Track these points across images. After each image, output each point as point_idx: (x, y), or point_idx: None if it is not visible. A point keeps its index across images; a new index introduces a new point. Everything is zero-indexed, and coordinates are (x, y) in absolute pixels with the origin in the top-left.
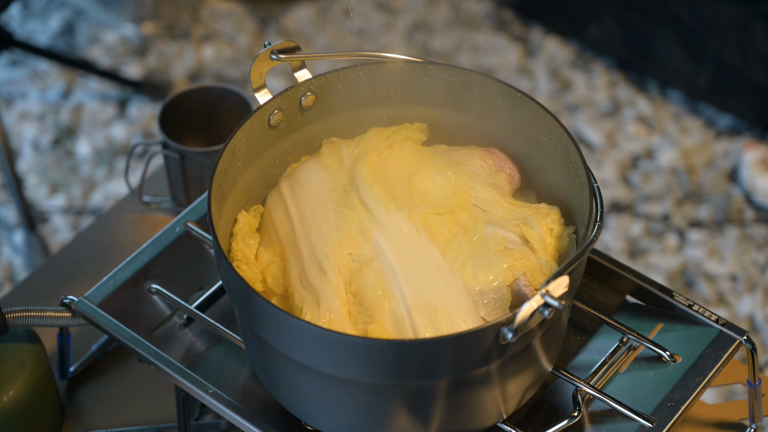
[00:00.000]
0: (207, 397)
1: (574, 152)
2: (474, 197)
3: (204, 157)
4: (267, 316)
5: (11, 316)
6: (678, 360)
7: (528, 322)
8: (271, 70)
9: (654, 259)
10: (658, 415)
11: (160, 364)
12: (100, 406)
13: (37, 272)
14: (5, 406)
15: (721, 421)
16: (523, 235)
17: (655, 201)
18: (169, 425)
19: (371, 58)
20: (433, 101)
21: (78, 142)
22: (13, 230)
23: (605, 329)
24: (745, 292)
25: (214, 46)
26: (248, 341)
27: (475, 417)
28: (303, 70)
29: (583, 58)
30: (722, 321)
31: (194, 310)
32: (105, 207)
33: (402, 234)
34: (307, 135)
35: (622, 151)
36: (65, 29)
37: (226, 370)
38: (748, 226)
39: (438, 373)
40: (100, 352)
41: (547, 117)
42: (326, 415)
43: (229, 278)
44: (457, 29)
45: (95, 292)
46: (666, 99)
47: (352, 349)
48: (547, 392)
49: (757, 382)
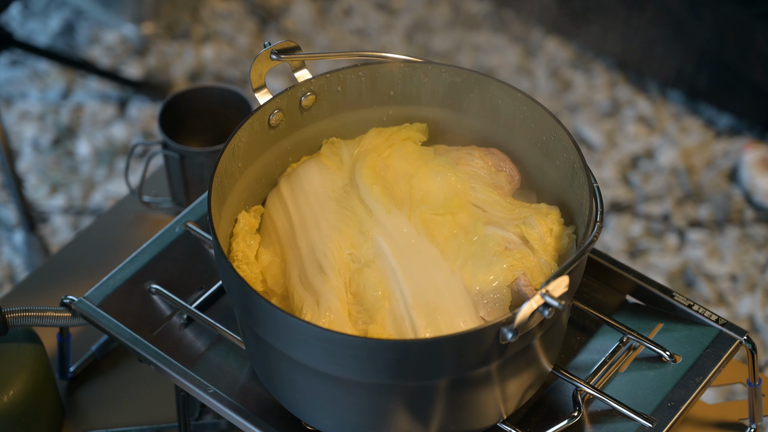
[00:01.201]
0: (207, 397)
1: (574, 152)
2: (474, 197)
3: (204, 157)
4: (267, 316)
5: (11, 316)
6: (678, 360)
7: (528, 322)
8: (271, 70)
9: (654, 259)
10: (658, 415)
11: (160, 364)
12: (100, 406)
13: (37, 272)
14: (5, 406)
15: (721, 421)
16: (523, 235)
17: (655, 201)
18: (169, 425)
19: (371, 58)
20: (433, 101)
21: (78, 142)
22: (13, 230)
23: (605, 329)
24: (745, 292)
25: (214, 46)
26: (248, 341)
27: (475, 417)
28: (303, 70)
29: (583, 58)
30: (722, 321)
31: (194, 310)
32: (105, 207)
33: (402, 234)
34: (307, 135)
35: (622, 151)
36: (65, 29)
37: (226, 370)
38: (748, 226)
39: (438, 373)
40: (100, 352)
41: (547, 117)
42: (326, 415)
43: (229, 278)
44: (457, 29)
45: (95, 292)
46: (666, 99)
47: (352, 349)
48: (547, 392)
49: (757, 382)
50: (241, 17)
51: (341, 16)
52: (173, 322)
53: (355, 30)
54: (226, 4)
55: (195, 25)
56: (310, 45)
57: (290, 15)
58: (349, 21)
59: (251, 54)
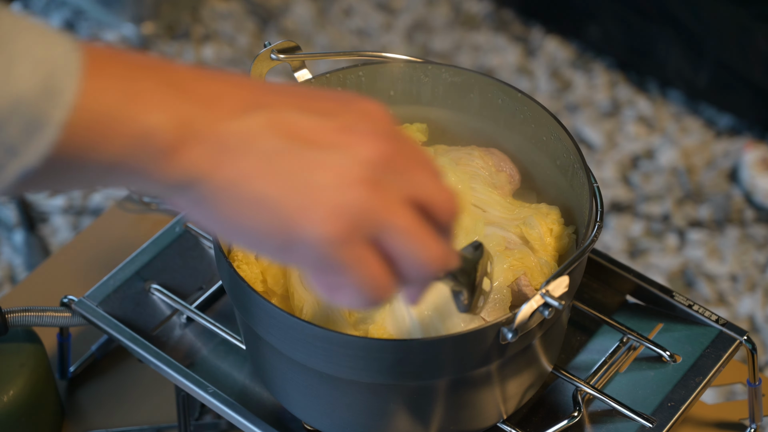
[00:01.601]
0: (207, 397)
1: (574, 152)
2: (474, 197)
3: None
4: (267, 316)
5: (11, 316)
6: (678, 360)
7: (528, 322)
8: (271, 70)
9: (654, 259)
10: (658, 415)
11: (160, 364)
12: (100, 406)
13: (37, 272)
14: (5, 406)
15: (721, 421)
16: (523, 235)
17: (655, 201)
18: (169, 425)
19: (371, 58)
20: (433, 101)
21: None
22: (13, 230)
23: (605, 329)
24: (745, 292)
25: (214, 46)
26: (248, 341)
27: (475, 417)
28: (303, 70)
29: (583, 58)
30: (722, 321)
31: (194, 310)
32: (105, 207)
33: None
34: None
35: (622, 151)
36: (65, 29)
37: (226, 370)
38: (748, 226)
39: (438, 373)
40: (100, 352)
41: (547, 117)
42: (326, 415)
43: (229, 278)
44: (457, 29)
45: (95, 292)
46: (666, 99)
47: (352, 349)
48: (547, 392)
49: (757, 382)
50: (241, 17)
51: (341, 16)
52: (173, 322)
53: (355, 30)
54: (226, 4)
55: (195, 25)
56: (310, 45)
57: (290, 15)
58: (349, 21)
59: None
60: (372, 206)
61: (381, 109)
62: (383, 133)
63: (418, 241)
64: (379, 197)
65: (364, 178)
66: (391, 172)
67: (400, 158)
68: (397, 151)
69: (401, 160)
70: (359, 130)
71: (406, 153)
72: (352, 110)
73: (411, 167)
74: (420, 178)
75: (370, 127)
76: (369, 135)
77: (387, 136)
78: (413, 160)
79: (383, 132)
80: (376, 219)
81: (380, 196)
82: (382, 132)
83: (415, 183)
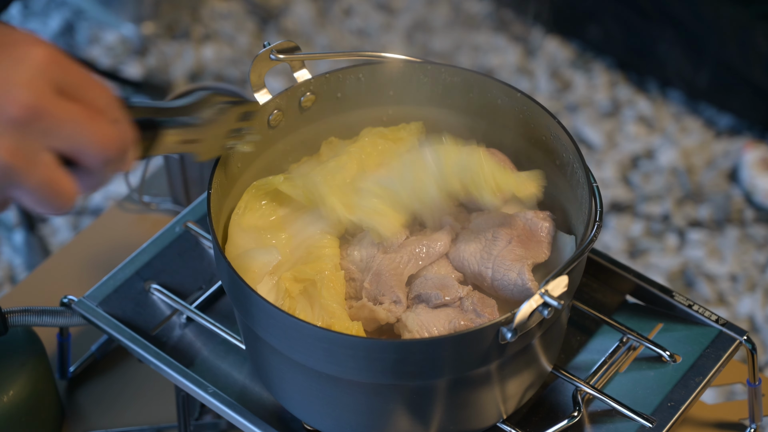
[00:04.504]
0: (207, 397)
1: (573, 152)
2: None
3: None
4: (267, 316)
5: (11, 316)
6: (678, 360)
7: (527, 322)
8: (271, 70)
9: (654, 259)
10: (658, 415)
11: (160, 364)
12: (100, 406)
13: (37, 272)
14: (5, 406)
15: (721, 421)
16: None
17: (655, 201)
18: (169, 425)
19: (371, 58)
20: (433, 101)
21: None
22: (13, 230)
23: (605, 329)
24: (745, 292)
25: (214, 46)
26: (248, 341)
27: (475, 417)
28: (303, 70)
29: (583, 58)
30: (722, 321)
31: (194, 310)
32: (105, 207)
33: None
34: (306, 135)
35: (622, 151)
36: (65, 29)
37: (226, 370)
38: (748, 226)
39: (437, 373)
40: (100, 352)
41: (547, 117)
42: (326, 415)
43: (229, 278)
44: (457, 29)
45: (95, 292)
46: (666, 99)
47: (352, 349)
48: (547, 392)
49: (757, 382)
50: (241, 17)
51: (341, 16)
52: (173, 322)
53: (355, 30)
54: (226, 4)
55: (195, 25)
56: (310, 45)
57: (290, 15)
58: (349, 21)
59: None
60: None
61: (45, 51)
62: (35, 82)
63: (85, 128)
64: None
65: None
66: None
67: (48, 113)
68: (49, 102)
69: (50, 114)
70: (10, 80)
71: (59, 106)
72: (11, 56)
73: (61, 119)
74: (68, 130)
75: (23, 77)
76: (18, 87)
77: (38, 86)
78: (66, 112)
79: (35, 81)
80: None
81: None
82: (35, 81)
83: (62, 137)
